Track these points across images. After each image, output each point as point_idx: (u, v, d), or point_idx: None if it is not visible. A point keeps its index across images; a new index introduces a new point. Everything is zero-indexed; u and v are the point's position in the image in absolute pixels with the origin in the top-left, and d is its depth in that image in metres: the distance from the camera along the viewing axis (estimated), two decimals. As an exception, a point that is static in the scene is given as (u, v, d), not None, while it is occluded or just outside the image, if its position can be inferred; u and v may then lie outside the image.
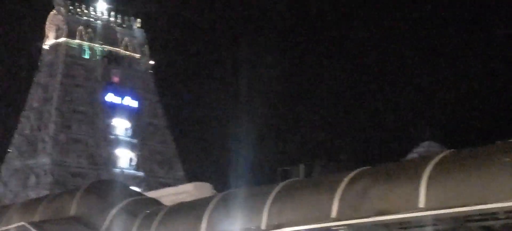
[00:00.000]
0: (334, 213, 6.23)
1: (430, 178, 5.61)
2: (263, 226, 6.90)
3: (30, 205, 11.30)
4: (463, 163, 5.76)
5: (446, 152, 6.18)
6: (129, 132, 42.42)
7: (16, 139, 41.01)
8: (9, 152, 41.26)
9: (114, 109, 42.37)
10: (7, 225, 9.98)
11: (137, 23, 42.91)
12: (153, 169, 41.68)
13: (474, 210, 5.27)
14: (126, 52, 42.73)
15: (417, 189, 5.61)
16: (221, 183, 13.44)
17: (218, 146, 46.19)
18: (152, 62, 44.15)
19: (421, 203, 5.53)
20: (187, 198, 10.42)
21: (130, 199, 9.79)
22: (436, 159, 5.91)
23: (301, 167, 23.16)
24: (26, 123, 40.77)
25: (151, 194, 12.54)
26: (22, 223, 9.44)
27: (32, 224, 9.17)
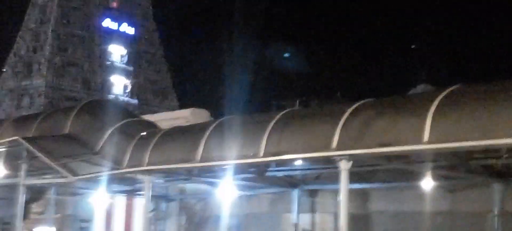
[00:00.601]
0: (335, 142, 6.10)
1: (436, 111, 5.47)
2: (261, 153, 6.73)
3: (24, 121, 11.14)
4: (471, 97, 5.64)
5: (455, 87, 5.98)
6: (125, 59, 42.41)
7: (11, 59, 41.00)
8: (3, 71, 41.30)
9: (111, 35, 42.26)
10: (0, 139, 9.72)
11: None
12: (148, 98, 41.93)
13: (476, 145, 5.22)
14: None
15: (422, 122, 5.47)
16: (216, 112, 12.97)
17: (213, 78, 46.26)
18: None
19: (425, 137, 5.38)
20: (184, 123, 10.26)
21: (126, 120, 9.70)
22: (444, 93, 5.77)
23: (297, 102, 23.28)
24: (22, 43, 40.69)
25: (147, 117, 12.48)
26: (16, 137, 9.27)
27: (26, 139, 9.03)
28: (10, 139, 9.44)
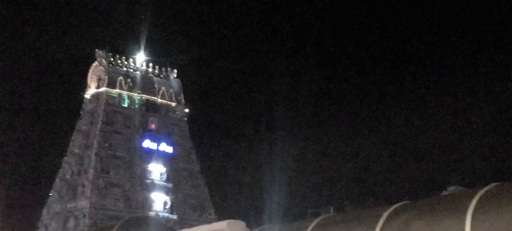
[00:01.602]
0: None
1: (475, 210, 5.30)
2: None
3: None
4: (508, 195, 5.40)
5: (491, 185, 5.88)
6: (164, 177, 44.12)
7: (57, 183, 42.97)
8: (50, 196, 43.16)
9: (150, 154, 44.26)
10: None
11: (174, 73, 45.28)
12: (186, 212, 43.03)
13: None
14: (163, 100, 44.97)
15: (462, 222, 5.27)
16: (253, 223, 13.94)
17: (250, 189, 47.51)
18: (187, 110, 46.19)
19: None
20: None
21: None
22: (481, 192, 5.60)
23: (331, 209, 23.92)
24: (67, 168, 42.79)
25: (186, 229, 12.26)
26: None
27: None
28: None
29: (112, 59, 43.07)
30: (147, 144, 44.06)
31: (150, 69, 45.21)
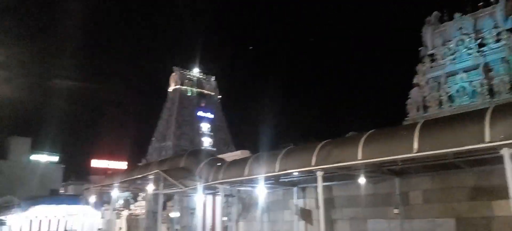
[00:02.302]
0: (313, 162, 9.21)
1: (363, 143, 8.34)
2: (277, 170, 10.27)
3: (162, 161, 16.52)
4: (381, 135, 8.69)
5: (371, 131, 8.85)
6: (209, 130, 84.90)
7: (156, 134, 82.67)
8: (152, 140, 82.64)
9: (202, 118, 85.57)
10: (149, 172, 15.32)
11: (212, 77, 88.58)
12: (220, 147, 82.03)
13: (385, 159, 8.29)
14: (207, 91, 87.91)
15: (357, 148, 8.41)
16: (254, 150, 18.25)
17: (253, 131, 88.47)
18: (219, 96, 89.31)
19: (359, 155, 8.26)
20: (237, 157, 14.99)
21: (210, 158, 14.83)
22: (367, 133, 8.80)
23: (291, 144, 30.88)
24: (160, 125, 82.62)
25: (220, 156, 17.32)
26: (157, 170, 14.54)
27: (162, 171, 14.39)
28: (154, 171, 14.66)
29: (182, 70, 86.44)
30: (200, 113, 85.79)
31: (201, 75, 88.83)
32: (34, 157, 71.70)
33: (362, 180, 11.30)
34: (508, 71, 22.32)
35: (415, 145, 7.47)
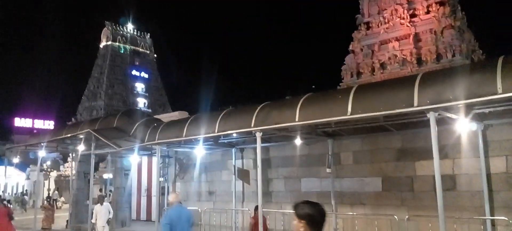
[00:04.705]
0: (253, 123, 9.26)
1: (301, 106, 8.51)
2: (216, 131, 10.24)
3: (93, 121, 16.41)
4: (316, 98, 8.83)
5: (308, 94, 9.03)
6: (144, 89, 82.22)
7: (86, 91, 78.17)
8: (83, 97, 78.22)
9: (136, 78, 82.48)
10: (80, 131, 14.93)
11: (148, 35, 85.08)
12: (156, 108, 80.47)
13: (321, 121, 8.44)
14: (142, 49, 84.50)
15: (294, 111, 8.49)
16: (192, 112, 17.91)
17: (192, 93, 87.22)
18: (155, 55, 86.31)
19: (297, 118, 8.39)
20: (175, 119, 14.99)
21: (145, 118, 14.93)
22: (304, 97, 8.87)
23: (230, 107, 38.69)
24: (90, 84, 78.37)
25: (157, 116, 17.84)
26: (88, 129, 14.23)
27: (94, 130, 14.05)
28: (85, 130, 14.36)
29: (114, 25, 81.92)
30: (134, 72, 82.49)
31: (135, 33, 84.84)
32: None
33: (297, 142, 11.55)
34: (435, 42, 23.87)
35: (349, 108, 7.72)
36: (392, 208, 10.82)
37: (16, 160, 33.22)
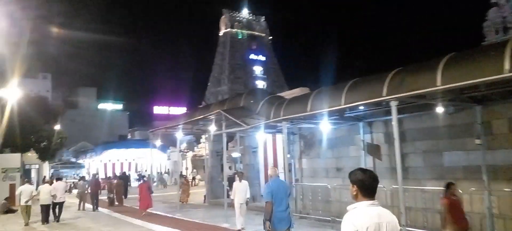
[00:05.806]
0: (384, 92, 8.73)
1: (444, 66, 7.72)
2: (342, 104, 10.01)
3: (221, 102, 18.13)
4: (464, 56, 7.88)
5: (453, 53, 8.08)
6: (262, 72, 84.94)
7: (211, 78, 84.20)
8: (208, 84, 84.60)
9: (254, 61, 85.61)
10: (210, 112, 15.95)
11: (262, 18, 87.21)
12: (274, 88, 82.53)
13: (469, 83, 7.33)
14: (257, 33, 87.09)
15: (434, 73, 7.76)
16: (312, 88, 17.11)
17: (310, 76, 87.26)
18: (270, 37, 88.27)
19: (438, 82, 7.65)
20: (296, 95, 15.14)
21: (268, 97, 15.25)
22: (448, 56, 8.02)
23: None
24: (215, 70, 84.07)
25: (279, 94, 18.09)
26: (219, 110, 15.11)
27: (223, 110, 14.87)
28: (216, 111, 15.27)
29: (231, 12, 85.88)
30: (252, 56, 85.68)
31: (250, 17, 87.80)
32: (101, 106, 76.92)
33: (438, 110, 10.31)
34: None
35: (507, 65, 6.49)
36: None
37: (158, 142, 37.57)
